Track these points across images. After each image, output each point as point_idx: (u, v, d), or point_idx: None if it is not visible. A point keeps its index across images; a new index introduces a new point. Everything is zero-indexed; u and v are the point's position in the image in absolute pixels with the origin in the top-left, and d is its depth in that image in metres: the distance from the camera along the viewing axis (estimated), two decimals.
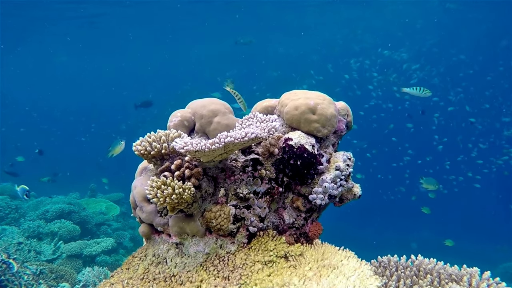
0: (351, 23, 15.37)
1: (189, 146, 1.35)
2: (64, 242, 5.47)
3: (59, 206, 5.98)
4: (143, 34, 14.95)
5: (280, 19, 13.77)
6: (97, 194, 7.43)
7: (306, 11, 12.93)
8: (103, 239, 5.60)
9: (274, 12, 12.85)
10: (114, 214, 6.57)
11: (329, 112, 1.69)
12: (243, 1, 11.48)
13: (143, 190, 1.66)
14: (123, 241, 6.31)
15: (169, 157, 1.65)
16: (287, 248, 1.50)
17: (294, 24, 14.80)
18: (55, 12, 10.97)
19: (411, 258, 1.60)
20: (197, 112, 1.82)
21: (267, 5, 11.84)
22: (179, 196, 1.44)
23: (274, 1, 11.47)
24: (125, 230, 6.70)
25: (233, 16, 12.92)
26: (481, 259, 7.93)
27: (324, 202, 1.62)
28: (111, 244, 5.40)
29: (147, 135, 1.66)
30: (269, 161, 1.69)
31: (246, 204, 1.61)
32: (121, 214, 6.92)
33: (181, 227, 1.59)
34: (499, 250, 8.71)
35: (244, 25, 14.31)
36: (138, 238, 7.02)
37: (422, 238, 10.20)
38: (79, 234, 5.75)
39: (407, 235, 10.20)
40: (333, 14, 13.65)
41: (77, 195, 7.06)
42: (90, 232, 6.08)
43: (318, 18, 13.91)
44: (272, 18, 13.62)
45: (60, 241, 5.48)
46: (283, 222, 1.72)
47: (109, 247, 5.34)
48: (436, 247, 9.45)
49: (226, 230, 1.54)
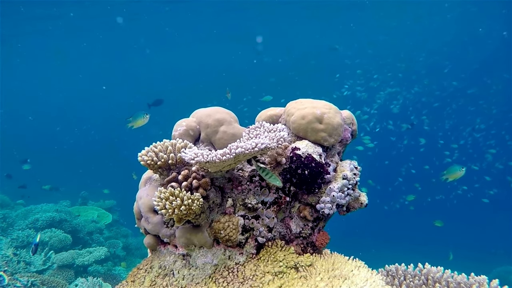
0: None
1: (199, 157, 1.33)
2: (55, 252, 5.34)
3: (50, 215, 5.86)
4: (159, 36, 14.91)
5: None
6: (89, 201, 7.30)
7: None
8: (95, 248, 5.49)
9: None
10: (106, 222, 6.45)
11: (335, 121, 1.70)
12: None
13: (149, 201, 1.63)
14: (115, 250, 6.20)
15: (176, 167, 1.63)
16: (296, 259, 1.49)
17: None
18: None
19: (419, 266, 1.61)
20: (203, 121, 1.80)
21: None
22: (188, 207, 1.43)
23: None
24: (118, 239, 6.59)
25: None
26: (475, 263, 8.04)
27: (332, 211, 1.62)
28: (104, 253, 5.30)
29: (152, 145, 1.64)
30: (276, 170, 1.68)
31: (255, 214, 1.59)
32: (113, 222, 6.81)
33: (188, 238, 1.57)
34: (494, 253, 8.84)
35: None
36: (130, 247, 6.91)
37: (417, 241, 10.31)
38: (71, 243, 5.63)
39: (399, 242, 10.28)
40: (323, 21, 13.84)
41: (68, 203, 6.92)
42: (82, 241, 5.96)
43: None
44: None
45: (51, 251, 5.35)
46: (290, 232, 1.72)
47: (102, 257, 5.24)
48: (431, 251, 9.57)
49: (234, 241, 1.53)
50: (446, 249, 7.74)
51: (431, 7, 12.23)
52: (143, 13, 12.02)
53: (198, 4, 11.38)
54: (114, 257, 6.13)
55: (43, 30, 12.71)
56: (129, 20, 12.52)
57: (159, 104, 8.83)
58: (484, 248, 9.64)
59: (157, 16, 12.42)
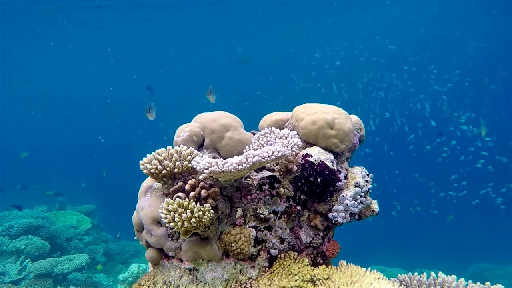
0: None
1: (214, 167, 1.24)
2: (31, 261, 5.06)
3: (26, 221, 5.54)
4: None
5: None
6: (67, 206, 6.97)
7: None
8: (76, 255, 5.24)
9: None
10: (85, 227, 6.18)
11: (346, 127, 1.65)
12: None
13: (153, 212, 1.52)
14: (96, 256, 5.95)
15: (182, 176, 1.53)
16: (312, 271, 1.42)
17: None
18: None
19: (432, 275, 1.58)
20: (207, 127, 1.71)
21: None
22: (198, 220, 1.33)
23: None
24: (98, 244, 6.33)
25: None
26: (451, 263, 8.28)
27: (346, 220, 1.57)
28: (85, 260, 5.07)
29: (156, 152, 1.53)
30: (287, 178, 1.61)
31: (267, 225, 1.52)
32: (92, 227, 6.54)
33: (196, 252, 1.47)
34: (471, 251, 9.11)
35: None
36: (111, 252, 6.67)
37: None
38: (48, 250, 5.35)
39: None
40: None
41: (44, 208, 6.58)
42: (60, 248, 5.68)
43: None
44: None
45: (27, 260, 5.07)
46: (300, 242, 1.65)
47: (83, 264, 5.00)
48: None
49: (246, 254, 1.45)
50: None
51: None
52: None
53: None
54: (95, 263, 5.88)
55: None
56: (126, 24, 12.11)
57: (150, 90, 8.81)
58: (458, 247, 9.93)
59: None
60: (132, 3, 10.44)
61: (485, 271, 8.32)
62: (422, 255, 9.21)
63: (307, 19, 13.80)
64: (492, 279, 8.26)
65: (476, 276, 8.58)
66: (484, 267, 8.42)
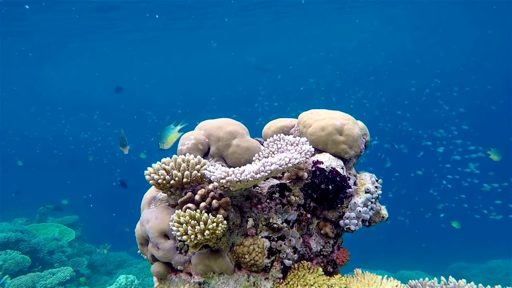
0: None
1: (231, 176, 1.20)
2: (10, 277, 4.80)
3: (4, 235, 5.26)
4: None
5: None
6: (48, 218, 6.67)
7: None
8: (59, 269, 5.02)
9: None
10: (69, 239, 5.94)
11: (355, 133, 1.64)
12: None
13: (160, 224, 1.46)
14: (80, 269, 5.73)
15: (190, 186, 1.47)
16: (328, 281, 1.39)
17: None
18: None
19: (442, 280, 1.58)
20: (213, 134, 1.66)
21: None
22: (212, 232, 1.28)
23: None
24: (82, 256, 6.10)
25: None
26: (429, 263, 8.45)
27: (358, 227, 1.55)
28: (70, 273, 4.86)
29: (162, 162, 1.47)
30: (297, 186, 1.58)
31: (279, 235, 1.48)
32: (76, 238, 6.29)
33: (207, 265, 1.41)
34: (451, 250, 9.33)
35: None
36: (95, 264, 6.44)
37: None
38: (29, 265, 5.10)
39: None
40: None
41: (23, 221, 6.28)
42: (42, 262, 5.43)
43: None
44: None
45: (6, 276, 4.81)
46: (310, 250, 1.62)
47: (68, 277, 4.80)
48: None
49: (260, 266, 1.40)
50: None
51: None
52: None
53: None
54: (79, 276, 5.65)
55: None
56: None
57: (119, 91, 8.55)
58: (435, 247, 10.14)
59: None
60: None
61: (462, 269, 8.55)
62: (403, 257, 9.37)
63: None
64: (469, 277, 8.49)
65: (454, 275, 8.78)
66: (461, 266, 8.66)
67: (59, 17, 9.73)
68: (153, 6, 9.64)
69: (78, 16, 9.62)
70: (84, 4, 8.75)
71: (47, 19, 9.79)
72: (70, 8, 8.91)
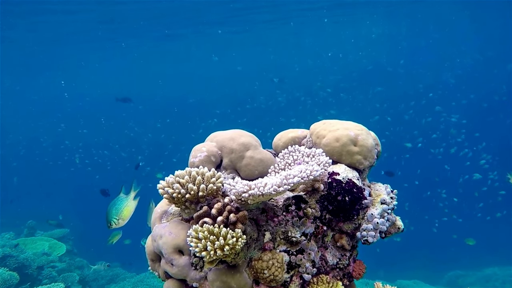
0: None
1: (255, 190, 1.16)
2: None
3: None
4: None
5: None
6: (37, 231, 6.46)
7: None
8: (49, 286, 4.84)
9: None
10: (59, 253, 5.75)
11: (369, 143, 1.63)
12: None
13: (174, 240, 1.41)
14: (71, 285, 5.54)
15: (205, 200, 1.43)
16: None
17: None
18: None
19: None
20: (225, 146, 1.63)
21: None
22: (232, 247, 1.24)
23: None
24: (72, 271, 5.90)
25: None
26: (429, 269, 8.47)
27: (376, 239, 1.53)
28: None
29: (176, 175, 1.43)
30: (313, 197, 1.55)
31: (298, 248, 1.44)
32: (66, 252, 6.10)
33: (224, 282, 1.37)
34: (448, 258, 9.37)
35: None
36: (87, 279, 6.25)
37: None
38: (17, 282, 4.91)
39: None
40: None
41: (11, 235, 6.06)
42: (31, 278, 5.23)
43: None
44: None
45: None
46: (326, 264, 1.58)
47: None
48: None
49: (280, 281, 1.36)
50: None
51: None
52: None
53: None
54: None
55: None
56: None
57: (126, 101, 8.37)
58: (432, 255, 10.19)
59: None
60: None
61: (459, 278, 8.61)
62: (401, 266, 9.36)
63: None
64: (466, 285, 8.49)
65: (451, 283, 8.83)
66: (458, 274, 8.72)
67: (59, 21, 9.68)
68: (152, 14, 9.65)
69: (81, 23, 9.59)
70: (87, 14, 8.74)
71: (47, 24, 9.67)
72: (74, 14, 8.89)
